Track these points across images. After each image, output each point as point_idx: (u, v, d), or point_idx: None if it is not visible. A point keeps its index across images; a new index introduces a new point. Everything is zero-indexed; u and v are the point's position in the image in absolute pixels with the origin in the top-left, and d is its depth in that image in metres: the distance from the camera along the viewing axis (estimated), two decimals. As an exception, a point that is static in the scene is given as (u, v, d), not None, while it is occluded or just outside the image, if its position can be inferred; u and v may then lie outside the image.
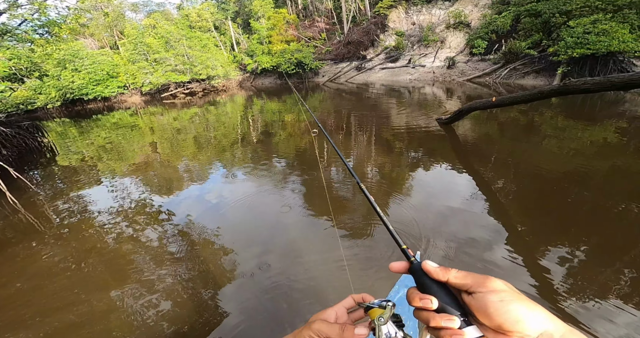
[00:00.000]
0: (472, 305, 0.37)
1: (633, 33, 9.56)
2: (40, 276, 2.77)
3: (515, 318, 0.34)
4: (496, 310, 0.35)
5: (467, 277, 0.39)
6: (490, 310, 0.35)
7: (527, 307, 0.35)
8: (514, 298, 0.36)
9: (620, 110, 7.41)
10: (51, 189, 5.10)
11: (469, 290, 0.38)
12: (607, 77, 3.53)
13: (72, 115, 16.90)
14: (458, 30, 16.46)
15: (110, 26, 23.24)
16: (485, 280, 0.37)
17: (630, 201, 3.12)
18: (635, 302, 1.94)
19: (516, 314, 0.34)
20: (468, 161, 4.73)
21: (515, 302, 0.35)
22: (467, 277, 0.39)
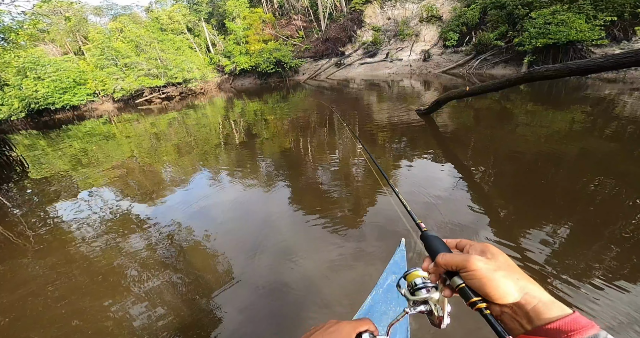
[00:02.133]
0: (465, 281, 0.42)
1: (589, 23, 10.28)
2: (25, 290, 2.64)
3: (488, 291, 0.39)
4: (474, 285, 0.41)
5: (451, 261, 0.44)
6: (471, 284, 0.41)
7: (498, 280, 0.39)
8: (486, 274, 0.40)
9: (583, 95, 7.98)
10: (26, 205, 4.82)
11: (458, 270, 0.43)
12: (565, 64, 3.82)
13: (39, 126, 15.88)
14: (431, 24, 16.95)
15: (72, 31, 21.90)
16: (465, 263, 0.42)
17: (600, 179, 3.41)
18: (615, 277, 2.06)
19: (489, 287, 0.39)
20: (448, 149, 4.94)
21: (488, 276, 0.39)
22: (451, 261, 0.44)
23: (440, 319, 0.48)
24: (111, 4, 32.46)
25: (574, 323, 0.34)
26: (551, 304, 0.37)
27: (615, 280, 2.05)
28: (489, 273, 0.40)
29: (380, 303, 1.44)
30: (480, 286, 0.40)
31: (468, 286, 0.41)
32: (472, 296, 0.41)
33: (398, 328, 1.30)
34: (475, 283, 0.40)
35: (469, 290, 0.41)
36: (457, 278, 0.43)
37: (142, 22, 23.98)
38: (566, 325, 0.34)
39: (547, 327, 0.34)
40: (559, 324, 0.34)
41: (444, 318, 0.48)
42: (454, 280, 0.43)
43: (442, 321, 0.48)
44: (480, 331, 1.74)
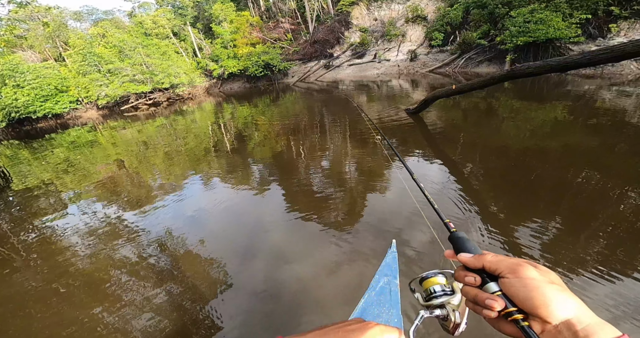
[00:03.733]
0: (504, 288, 0.39)
1: (565, 21, 10.70)
2: (16, 302, 2.54)
3: (536, 304, 0.35)
4: (520, 295, 0.37)
5: (500, 263, 0.40)
6: (515, 293, 0.37)
7: (552, 294, 0.35)
8: (539, 285, 0.36)
9: (564, 91, 8.29)
10: (10, 217, 4.63)
11: (501, 274, 0.39)
12: (545, 61, 3.97)
13: (21, 136, 15.30)
14: (417, 24, 17.27)
15: (51, 37, 21.22)
16: (517, 267, 0.38)
17: (585, 172, 3.54)
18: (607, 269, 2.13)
19: (539, 301, 0.35)
20: (438, 147, 5.04)
21: (541, 289, 0.36)
22: (500, 263, 0.40)
23: (456, 326, 0.45)
24: (92, 9, 31.61)
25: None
26: (603, 325, 0.34)
27: (604, 270, 2.13)
28: (543, 284, 0.36)
29: (374, 306, 1.44)
30: (527, 297, 0.36)
31: (505, 295, 0.38)
32: (509, 305, 0.37)
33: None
34: (521, 293, 0.36)
35: (507, 299, 0.38)
36: (494, 284, 0.39)
37: (125, 27, 23.47)
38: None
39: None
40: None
41: (461, 325, 0.45)
42: (489, 287, 0.39)
43: (457, 328, 0.45)
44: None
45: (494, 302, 0.38)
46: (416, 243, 2.58)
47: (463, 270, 0.44)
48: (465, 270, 0.44)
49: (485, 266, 0.41)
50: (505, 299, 0.38)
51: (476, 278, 0.41)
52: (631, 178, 3.27)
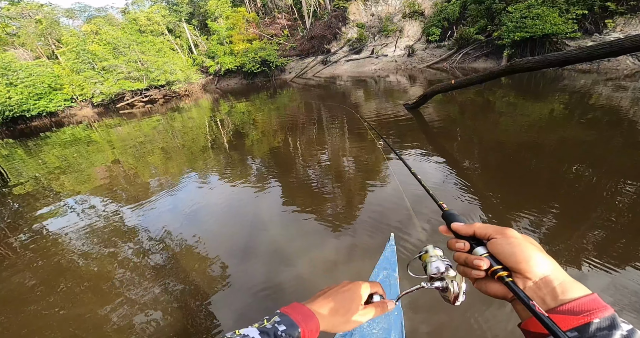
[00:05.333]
0: (490, 248, 0.42)
1: (562, 16, 10.72)
2: (15, 301, 2.54)
3: (518, 259, 0.39)
4: (504, 251, 0.40)
5: (488, 228, 0.44)
6: (500, 250, 0.41)
7: (532, 253, 0.39)
8: (521, 243, 0.40)
9: (561, 85, 8.34)
10: (10, 215, 4.59)
11: (490, 237, 0.43)
12: (544, 56, 4.00)
13: (15, 135, 15.09)
14: (414, 19, 17.21)
15: (43, 34, 20.84)
16: (502, 229, 0.43)
17: (581, 165, 3.58)
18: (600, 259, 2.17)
19: (520, 257, 0.39)
20: (437, 141, 5.07)
21: (523, 246, 0.40)
22: (488, 228, 0.44)
23: (455, 296, 0.48)
24: (84, 6, 31.02)
25: (597, 302, 0.35)
26: (575, 283, 0.37)
27: (600, 261, 2.18)
28: (524, 243, 0.40)
29: None
30: (511, 255, 0.40)
31: (492, 256, 0.42)
32: (495, 264, 0.41)
33: (393, 326, 1.32)
34: (507, 251, 0.40)
35: (493, 259, 0.41)
36: (482, 248, 0.43)
37: (119, 24, 23.12)
38: (590, 304, 0.34)
39: (573, 304, 0.35)
40: (584, 302, 0.35)
41: (460, 296, 0.48)
42: (477, 250, 0.43)
43: (457, 298, 0.48)
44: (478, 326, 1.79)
45: (481, 261, 0.42)
46: (412, 236, 2.62)
47: (454, 239, 0.48)
48: (457, 239, 0.48)
49: (475, 232, 0.46)
50: (491, 259, 0.41)
51: (465, 244, 0.46)
52: (627, 169, 3.32)
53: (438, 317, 1.84)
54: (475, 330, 1.74)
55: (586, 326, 0.33)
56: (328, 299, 0.53)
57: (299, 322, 0.47)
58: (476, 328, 1.75)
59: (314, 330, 0.48)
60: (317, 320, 0.49)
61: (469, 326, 1.76)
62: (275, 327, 0.45)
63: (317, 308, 0.51)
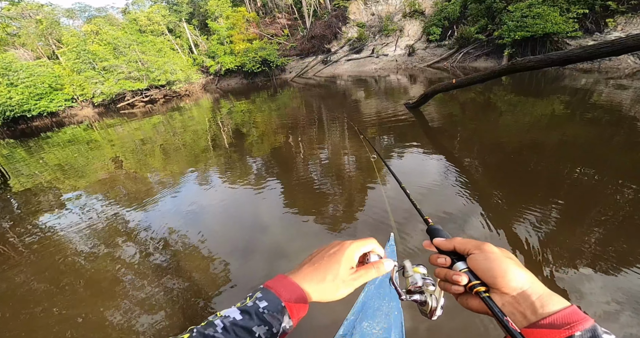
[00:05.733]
0: (469, 264, 0.43)
1: (563, 15, 10.70)
2: (17, 300, 2.54)
3: (494, 274, 0.40)
4: (482, 266, 0.41)
5: (467, 243, 0.45)
6: (478, 266, 0.42)
7: (508, 267, 0.40)
8: (498, 258, 0.41)
9: (562, 85, 8.33)
10: (11, 215, 4.60)
11: (468, 252, 0.44)
12: (546, 55, 3.99)
13: (16, 135, 15.12)
14: (414, 19, 17.18)
15: (44, 34, 20.84)
16: (481, 244, 0.44)
17: (582, 165, 3.57)
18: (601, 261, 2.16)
19: (496, 272, 0.39)
20: (438, 141, 5.07)
21: (499, 261, 0.40)
22: (467, 243, 0.45)
23: (432, 310, 0.49)
24: (84, 6, 30.98)
25: (576, 314, 0.35)
26: (553, 296, 0.38)
27: (601, 263, 2.17)
28: (501, 257, 0.41)
29: (374, 299, 1.46)
30: (488, 269, 0.40)
31: (471, 271, 0.43)
32: (473, 279, 0.42)
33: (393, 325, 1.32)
34: (485, 267, 0.41)
35: (472, 275, 0.42)
36: (462, 263, 0.44)
37: (119, 24, 23.11)
38: (570, 316, 0.35)
39: (553, 318, 0.35)
40: (564, 315, 0.35)
41: (437, 310, 0.49)
42: (457, 266, 0.44)
43: (434, 313, 0.49)
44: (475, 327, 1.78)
45: (460, 276, 0.43)
46: (414, 236, 2.62)
47: (436, 254, 0.49)
48: (438, 254, 0.49)
49: (455, 246, 0.46)
50: (470, 274, 0.42)
51: (446, 259, 0.46)
52: (628, 169, 3.32)
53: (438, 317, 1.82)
54: (475, 331, 1.74)
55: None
56: (314, 266, 0.48)
57: (281, 296, 0.43)
58: (476, 329, 1.75)
59: (300, 303, 0.44)
60: (303, 292, 0.45)
61: (469, 326, 1.76)
62: (256, 304, 0.42)
63: (303, 278, 0.46)
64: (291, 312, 0.43)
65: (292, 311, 0.43)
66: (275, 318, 0.41)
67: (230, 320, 0.41)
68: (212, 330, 0.40)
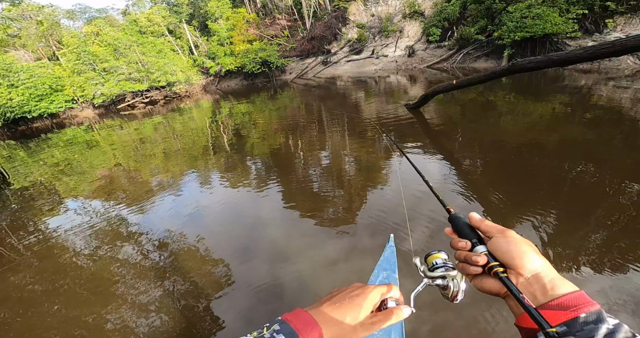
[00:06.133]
0: (490, 246, 0.47)
1: (562, 16, 10.72)
2: (19, 302, 2.54)
3: (513, 255, 0.43)
4: (501, 248, 0.44)
5: (493, 227, 0.49)
6: (498, 247, 0.45)
7: (526, 250, 0.43)
8: (519, 242, 0.44)
9: (562, 85, 8.34)
10: (10, 215, 4.60)
11: (491, 235, 0.48)
12: (547, 56, 3.99)
13: (16, 136, 15.13)
14: (414, 20, 17.22)
15: (44, 36, 20.88)
16: (504, 230, 0.47)
17: (582, 165, 3.58)
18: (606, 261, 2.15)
19: (515, 253, 0.43)
20: (438, 142, 5.07)
21: (518, 245, 0.44)
22: (493, 227, 0.49)
23: (454, 295, 0.51)
24: (85, 7, 31.08)
25: (584, 298, 0.37)
26: (564, 281, 0.40)
27: (603, 263, 2.17)
28: (521, 241, 0.45)
29: None
30: (507, 251, 0.44)
31: (490, 254, 0.46)
32: (492, 260, 0.45)
33: (393, 326, 1.31)
34: (504, 248, 0.44)
35: (490, 257, 0.45)
36: (482, 246, 0.47)
37: (120, 25, 23.16)
38: (577, 299, 0.37)
39: (561, 300, 0.37)
40: (571, 298, 0.37)
41: (459, 294, 0.51)
42: (477, 249, 0.47)
43: (456, 297, 0.51)
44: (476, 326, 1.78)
45: (479, 257, 0.46)
46: (413, 237, 2.61)
47: (457, 238, 0.52)
48: (459, 238, 0.52)
49: (482, 227, 0.50)
50: (489, 256, 0.45)
51: (467, 243, 0.49)
52: (629, 169, 3.32)
53: (438, 317, 1.83)
54: (475, 331, 1.74)
55: (574, 320, 0.35)
56: (334, 305, 0.48)
57: (299, 331, 0.43)
58: (476, 329, 1.74)
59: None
60: (320, 329, 0.44)
61: (469, 327, 1.76)
62: (273, 337, 0.41)
63: (322, 316, 0.46)
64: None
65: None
66: None
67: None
68: None
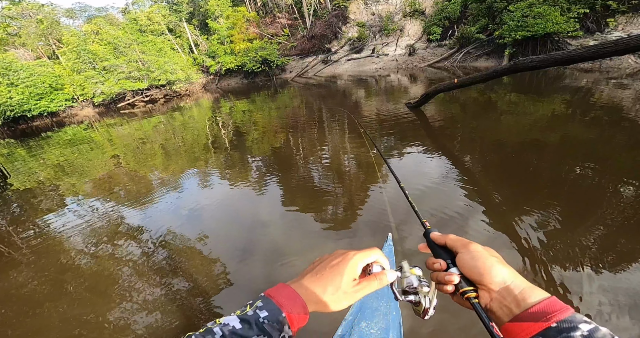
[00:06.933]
0: (458, 262, 0.47)
1: (563, 15, 10.68)
2: (20, 301, 2.54)
3: (480, 271, 0.43)
4: (468, 265, 0.44)
5: (457, 241, 0.49)
6: (465, 264, 0.45)
7: (491, 264, 0.43)
8: (483, 256, 0.44)
9: (563, 84, 8.32)
10: (11, 214, 4.60)
11: (457, 250, 0.48)
12: (549, 55, 3.97)
13: (16, 135, 15.12)
14: (414, 19, 17.17)
15: (44, 34, 20.84)
16: (468, 244, 0.47)
17: (583, 165, 3.57)
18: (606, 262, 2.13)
19: (482, 269, 0.43)
20: (439, 140, 5.06)
21: (484, 259, 0.43)
22: (457, 241, 0.49)
23: (426, 311, 0.51)
24: (84, 6, 31.01)
25: (554, 304, 0.37)
26: (534, 289, 0.40)
27: (601, 262, 2.16)
28: (485, 255, 0.45)
29: (372, 300, 1.46)
30: (474, 267, 0.44)
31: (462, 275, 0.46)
32: (466, 285, 0.45)
33: (391, 326, 1.33)
34: (470, 265, 0.44)
35: (464, 279, 0.46)
36: (455, 269, 0.47)
37: (119, 24, 23.10)
38: (548, 307, 0.37)
39: (533, 309, 0.37)
40: (543, 306, 0.37)
41: (429, 310, 0.51)
42: (451, 271, 0.48)
43: (427, 313, 0.51)
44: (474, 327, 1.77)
45: (451, 276, 0.46)
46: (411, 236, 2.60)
47: (432, 258, 0.52)
48: (434, 258, 0.51)
49: (447, 242, 0.50)
50: (462, 278, 0.45)
51: (442, 263, 0.49)
52: (629, 168, 3.31)
53: (436, 317, 1.82)
54: (473, 332, 1.73)
55: (547, 330, 0.35)
56: (316, 277, 0.47)
57: (282, 306, 0.43)
58: (474, 330, 1.74)
59: (301, 313, 0.44)
60: (304, 302, 0.45)
61: (467, 327, 1.76)
62: (256, 314, 0.42)
63: (304, 289, 0.46)
64: (291, 322, 0.43)
65: (293, 321, 0.43)
66: (275, 328, 0.41)
67: (230, 328, 0.40)
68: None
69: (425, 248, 0.55)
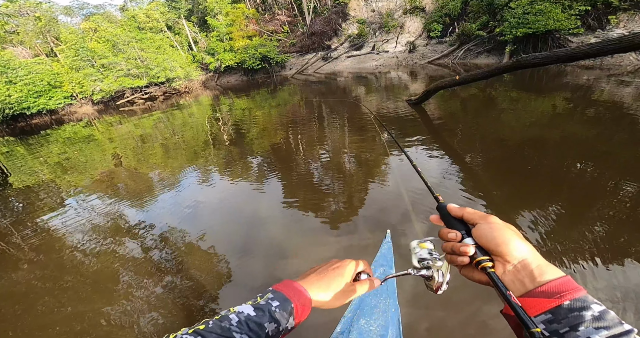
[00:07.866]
0: (474, 233, 0.46)
1: (565, 12, 10.62)
2: (21, 298, 2.54)
3: (498, 242, 0.42)
4: (486, 236, 0.44)
5: (475, 213, 0.48)
6: (483, 234, 0.44)
7: (511, 237, 0.42)
8: (502, 228, 0.43)
9: (564, 82, 8.29)
10: (11, 212, 4.59)
11: (475, 222, 0.47)
12: (552, 52, 3.95)
13: (15, 133, 15.07)
14: (415, 15, 17.07)
15: (42, 32, 20.69)
16: (487, 216, 0.47)
17: (584, 161, 3.57)
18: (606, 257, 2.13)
19: (500, 240, 0.42)
20: (440, 137, 5.05)
21: (503, 231, 0.43)
22: (475, 213, 0.48)
23: (438, 285, 0.51)
24: (82, 3, 30.67)
25: (569, 283, 0.37)
26: (550, 266, 0.40)
27: (602, 257, 2.17)
28: (504, 228, 0.44)
29: (371, 297, 1.46)
30: (492, 238, 0.43)
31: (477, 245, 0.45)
32: (481, 255, 0.44)
33: (390, 323, 1.32)
34: (489, 235, 0.43)
35: (478, 249, 0.44)
36: (470, 239, 0.46)
37: (118, 21, 22.94)
38: (563, 285, 0.36)
39: (548, 286, 0.37)
40: (558, 284, 0.37)
41: (442, 285, 0.50)
42: (465, 241, 0.46)
43: (440, 288, 0.51)
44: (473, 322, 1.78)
45: (467, 247, 0.45)
46: (410, 232, 2.61)
47: (446, 229, 0.51)
48: (449, 229, 0.50)
49: (464, 215, 0.49)
50: (477, 249, 0.44)
51: (457, 234, 0.48)
52: (631, 166, 3.31)
53: (435, 314, 1.83)
54: (473, 329, 1.73)
55: (558, 308, 0.35)
56: (319, 276, 0.55)
57: (291, 298, 0.49)
58: (474, 327, 1.74)
59: (306, 306, 0.50)
60: (309, 296, 0.51)
61: (466, 323, 1.76)
62: (268, 303, 0.47)
63: (309, 285, 0.53)
64: (296, 314, 0.48)
65: (298, 313, 0.48)
66: (284, 317, 0.46)
67: (245, 315, 0.45)
68: (227, 323, 0.43)
69: (438, 221, 0.54)
